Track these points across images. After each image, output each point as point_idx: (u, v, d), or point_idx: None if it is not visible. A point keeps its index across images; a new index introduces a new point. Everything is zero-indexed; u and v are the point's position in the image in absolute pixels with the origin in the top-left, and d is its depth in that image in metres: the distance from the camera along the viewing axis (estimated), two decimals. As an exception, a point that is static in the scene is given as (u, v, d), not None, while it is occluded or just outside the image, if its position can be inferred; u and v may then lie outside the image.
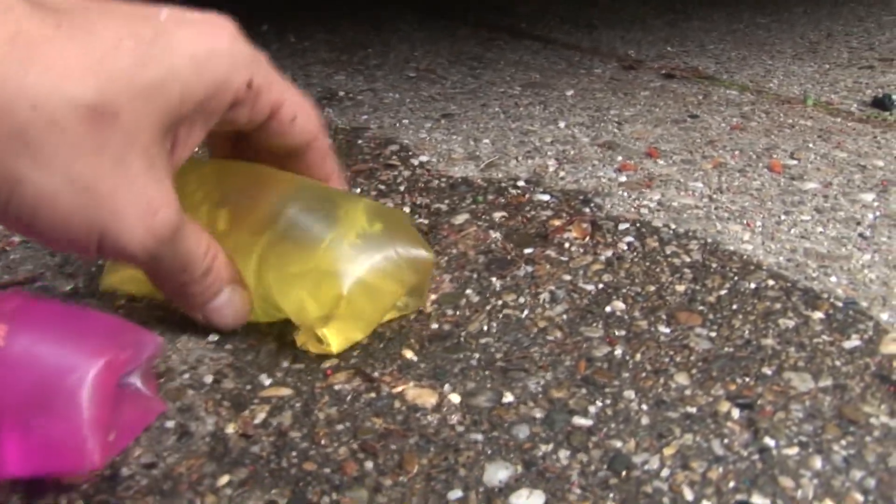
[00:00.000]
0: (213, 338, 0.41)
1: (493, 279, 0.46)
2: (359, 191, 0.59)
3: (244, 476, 0.32)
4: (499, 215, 0.55)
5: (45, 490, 0.31)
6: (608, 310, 0.43)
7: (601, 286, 0.46)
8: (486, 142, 0.68)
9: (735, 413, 0.36)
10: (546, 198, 0.57)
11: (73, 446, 0.29)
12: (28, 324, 0.31)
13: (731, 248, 0.50)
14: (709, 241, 0.51)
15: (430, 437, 0.34)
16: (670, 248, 0.50)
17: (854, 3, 1.29)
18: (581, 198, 0.57)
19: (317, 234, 0.38)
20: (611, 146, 0.67)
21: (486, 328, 0.42)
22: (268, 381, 0.38)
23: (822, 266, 0.48)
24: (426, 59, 0.97)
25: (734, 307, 0.44)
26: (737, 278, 0.46)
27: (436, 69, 0.92)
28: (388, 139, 0.70)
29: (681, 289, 0.45)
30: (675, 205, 0.56)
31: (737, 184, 0.60)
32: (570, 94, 0.82)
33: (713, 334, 0.41)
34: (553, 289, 0.45)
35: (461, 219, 0.54)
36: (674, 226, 0.53)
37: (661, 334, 0.41)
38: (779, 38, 1.07)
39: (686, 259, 0.49)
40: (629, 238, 0.51)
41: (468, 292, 0.45)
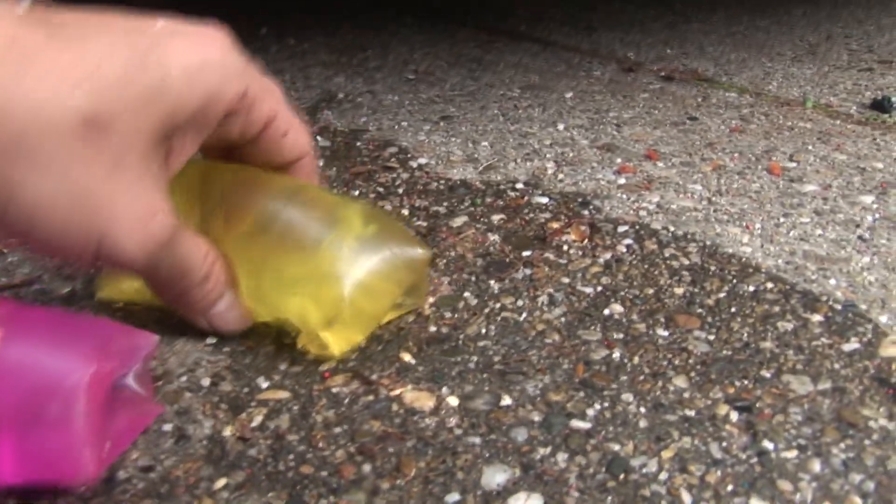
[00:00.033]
0: (211, 340, 0.41)
1: (492, 282, 0.46)
2: (357, 193, 0.59)
3: (241, 479, 0.32)
4: (497, 218, 0.55)
5: (41, 493, 0.31)
6: (606, 312, 0.43)
7: (600, 289, 0.46)
8: (485, 144, 0.68)
9: (734, 416, 0.35)
10: (545, 200, 0.57)
11: (68, 460, 0.29)
12: (19, 332, 0.31)
13: (729, 250, 0.50)
14: (707, 243, 0.51)
15: (427, 440, 0.34)
16: (669, 251, 0.50)
17: (853, 5, 1.29)
18: (580, 200, 0.57)
19: (315, 237, 0.38)
20: (610, 148, 0.67)
21: (484, 331, 0.42)
22: (265, 384, 0.38)
23: (822, 268, 0.48)
24: (425, 61, 0.97)
25: (733, 310, 0.43)
26: (735, 281, 0.46)
27: (435, 71, 0.92)
28: (387, 141, 0.70)
29: (679, 291, 0.45)
30: (673, 207, 0.56)
31: (736, 186, 0.60)
32: (569, 96, 0.82)
33: (712, 337, 0.41)
34: (551, 291, 0.45)
35: (459, 221, 0.54)
36: (672, 228, 0.53)
37: (659, 337, 0.41)
38: (778, 40, 1.07)
39: (685, 262, 0.49)
40: (628, 240, 0.51)
41: (466, 295, 0.45)
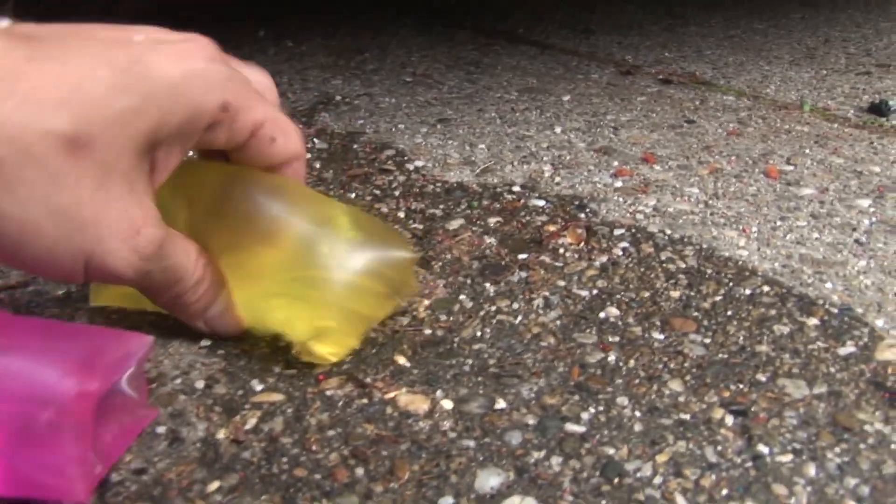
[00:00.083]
0: (205, 343, 0.40)
1: (487, 285, 0.46)
2: (353, 195, 0.59)
3: (234, 482, 0.32)
4: (493, 220, 0.55)
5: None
6: (602, 316, 0.43)
7: (595, 292, 0.46)
8: (482, 147, 0.68)
9: (729, 420, 0.35)
10: (541, 203, 0.57)
11: (57, 481, 0.29)
12: (7, 343, 0.30)
13: (726, 253, 0.50)
14: (704, 246, 0.51)
15: (421, 444, 0.34)
16: (665, 254, 0.50)
17: (851, 9, 1.29)
18: (576, 203, 0.57)
19: (305, 241, 0.38)
20: (607, 151, 0.67)
21: (479, 334, 0.42)
22: (259, 387, 0.38)
23: (818, 272, 0.48)
24: (423, 63, 0.97)
25: (729, 313, 0.43)
26: (732, 284, 0.46)
27: (432, 74, 0.92)
28: (384, 144, 0.70)
29: (675, 295, 0.45)
30: (670, 210, 0.56)
31: (733, 189, 0.60)
32: (566, 99, 0.82)
33: (707, 341, 0.41)
34: (547, 294, 0.45)
35: (456, 224, 0.54)
36: (669, 231, 0.53)
37: (655, 340, 0.41)
38: (776, 43, 1.07)
39: (681, 265, 0.48)
40: (624, 244, 0.51)
41: (462, 298, 0.45)
